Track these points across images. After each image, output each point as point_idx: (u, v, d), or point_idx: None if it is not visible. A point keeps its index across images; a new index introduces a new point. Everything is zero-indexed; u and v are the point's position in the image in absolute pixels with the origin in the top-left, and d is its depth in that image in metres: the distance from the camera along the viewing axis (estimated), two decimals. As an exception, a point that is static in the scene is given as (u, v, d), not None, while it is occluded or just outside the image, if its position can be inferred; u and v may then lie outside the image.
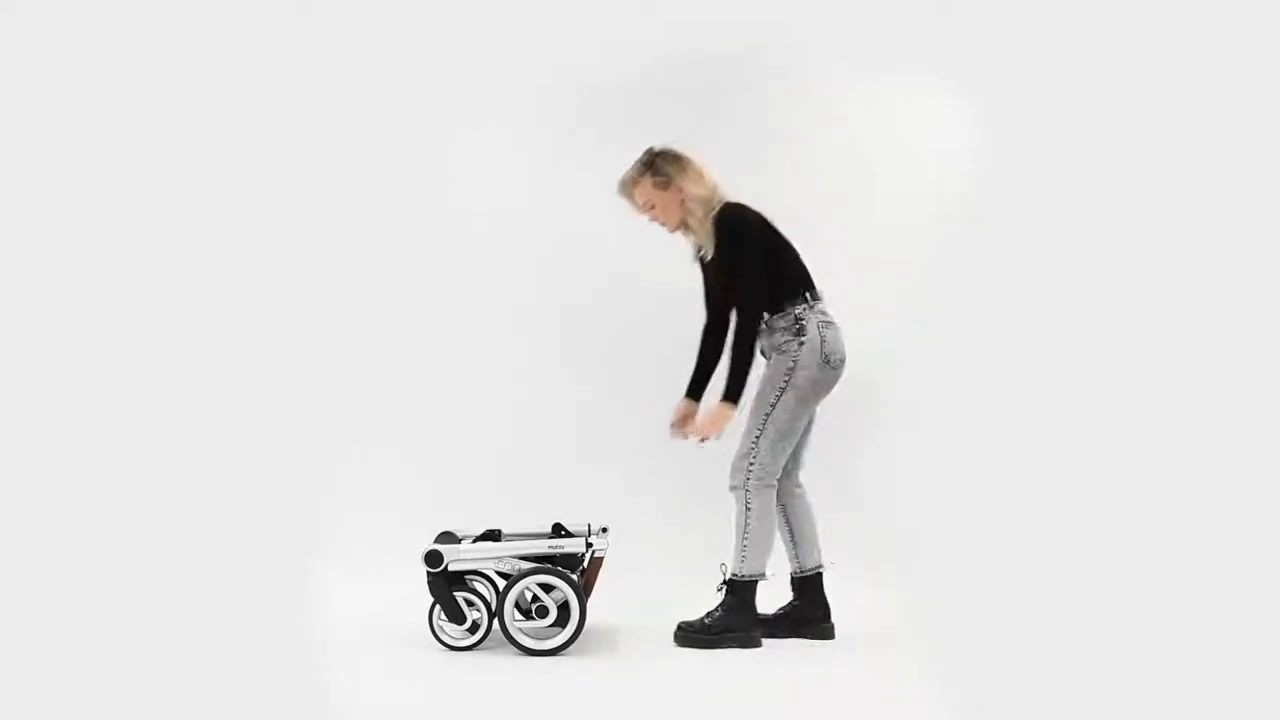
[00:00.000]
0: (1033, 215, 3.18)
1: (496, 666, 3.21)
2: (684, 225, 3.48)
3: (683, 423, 3.56)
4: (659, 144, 3.48)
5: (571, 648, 3.31)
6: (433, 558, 3.36)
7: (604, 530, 3.54)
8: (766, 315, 3.41)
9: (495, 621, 3.35)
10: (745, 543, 3.41)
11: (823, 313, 3.42)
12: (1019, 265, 3.22)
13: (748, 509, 3.40)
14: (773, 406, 3.38)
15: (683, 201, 3.43)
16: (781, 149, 4.60)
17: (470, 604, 3.38)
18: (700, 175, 3.44)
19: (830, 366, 3.39)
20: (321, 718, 2.80)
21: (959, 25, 3.98)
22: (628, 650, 3.35)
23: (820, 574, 3.54)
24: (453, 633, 3.39)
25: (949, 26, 4.06)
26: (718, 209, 3.41)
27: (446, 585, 3.37)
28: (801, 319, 3.38)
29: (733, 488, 3.43)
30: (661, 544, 3.94)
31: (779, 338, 3.41)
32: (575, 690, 3.01)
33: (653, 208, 3.47)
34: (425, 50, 4.44)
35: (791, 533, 3.55)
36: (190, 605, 2.86)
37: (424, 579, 3.37)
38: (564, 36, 4.50)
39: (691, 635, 3.40)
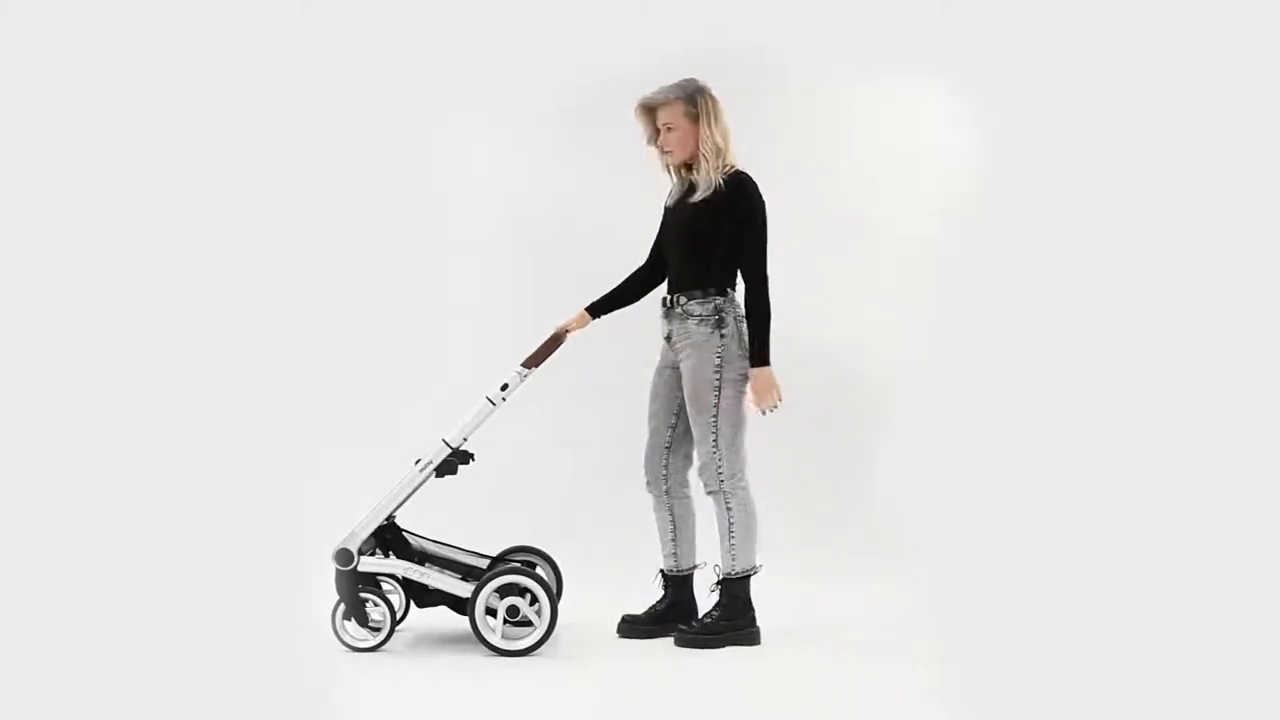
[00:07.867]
0: (1033, 215, 3.18)
1: (495, 667, 3.21)
2: (685, 165, 3.49)
3: (565, 330, 3.55)
4: (702, 80, 3.49)
5: (570, 650, 3.31)
6: (342, 556, 3.31)
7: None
8: (683, 297, 3.44)
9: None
10: (732, 541, 3.43)
11: (739, 306, 3.46)
12: (1019, 265, 3.21)
13: (728, 508, 3.44)
14: (715, 406, 3.40)
15: (700, 142, 3.43)
16: (781, 149, 4.60)
17: (374, 605, 3.33)
18: (726, 129, 3.46)
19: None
20: (321, 718, 2.80)
21: (959, 25, 3.98)
22: (627, 652, 3.34)
23: (693, 574, 3.59)
24: (354, 633, 3.33)
25: (949, 27, 4.06)
26: (730, 169, 3.44)
27: (354, 584, 3.31)
28: (721, 310, 3.41)
29: (710, 493, 3.46)
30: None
31: (692, 324, 3.42)
32: (574, 692, 3.01)
33: (670, 130, 3.46)
34: (425, 50, 4.44)
35: (675, 532, 3.58)
36: (190, 605, 2.86)
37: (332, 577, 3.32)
38: (564, 36, 4.50)
39: (691, 636, 3.40)
